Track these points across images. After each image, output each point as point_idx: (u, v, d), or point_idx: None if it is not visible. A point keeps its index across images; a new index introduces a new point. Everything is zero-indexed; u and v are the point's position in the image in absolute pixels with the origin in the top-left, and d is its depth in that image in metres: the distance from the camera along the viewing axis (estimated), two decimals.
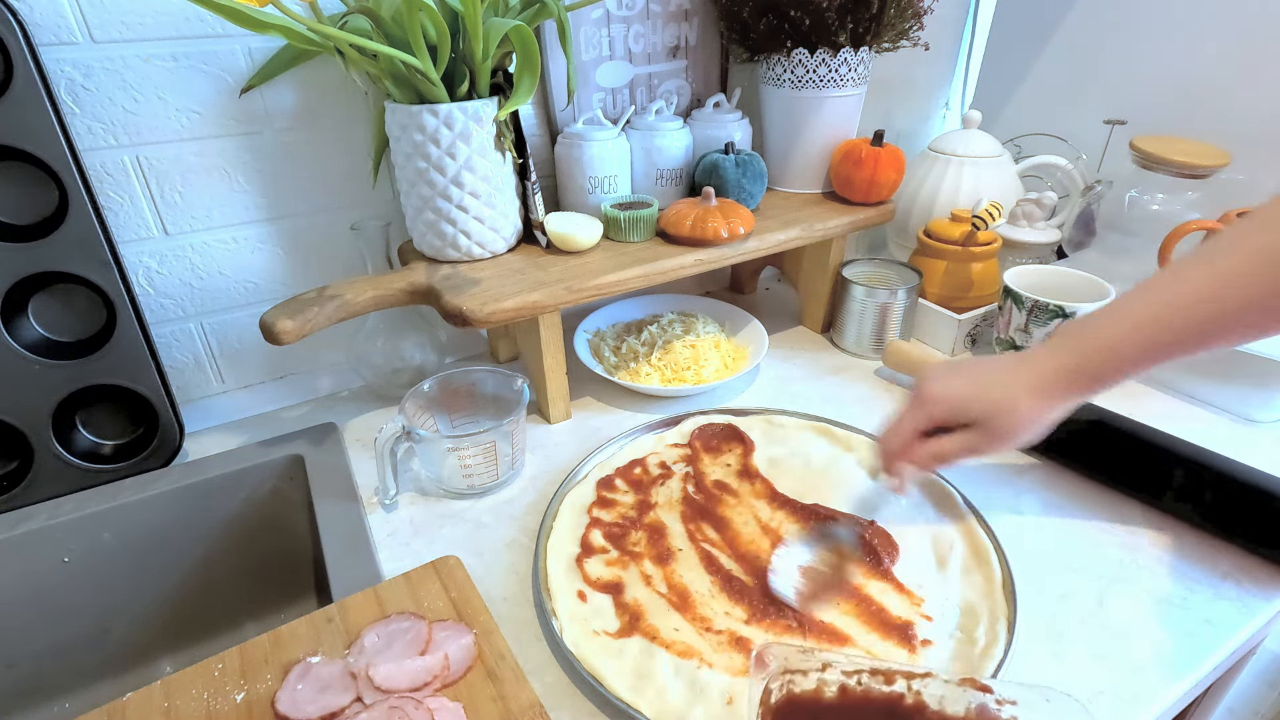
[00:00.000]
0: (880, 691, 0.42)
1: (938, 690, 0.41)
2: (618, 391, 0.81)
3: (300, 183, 0.72)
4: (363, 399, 0.81)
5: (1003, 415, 0.51)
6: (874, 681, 0.42)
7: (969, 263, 0.86)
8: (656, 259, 0.73)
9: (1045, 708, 0.40)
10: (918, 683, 0.42)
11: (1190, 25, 0.91)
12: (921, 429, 0.55)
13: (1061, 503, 0.64)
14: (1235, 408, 0.73)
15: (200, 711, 0.45)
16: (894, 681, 0.42)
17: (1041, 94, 1.09)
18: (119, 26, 0.60)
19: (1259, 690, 0.79)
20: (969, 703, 0.41)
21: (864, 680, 0.42)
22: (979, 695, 0.41)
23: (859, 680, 0.42)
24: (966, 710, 0.41)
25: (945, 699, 0.41)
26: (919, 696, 0.42)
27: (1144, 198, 0.89)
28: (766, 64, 0.84)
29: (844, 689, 0.42)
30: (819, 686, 0.42)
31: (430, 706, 0.44)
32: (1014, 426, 0.52)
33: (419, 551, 0.60)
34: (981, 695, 0.41)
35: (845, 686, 0.42)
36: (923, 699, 0.41)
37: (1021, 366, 0.52)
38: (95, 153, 0.62)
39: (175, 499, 0.67)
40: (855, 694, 0.42)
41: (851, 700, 0.42)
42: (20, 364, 0.61)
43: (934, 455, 0.54)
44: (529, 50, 0.63)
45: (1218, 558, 0.57)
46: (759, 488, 0.64)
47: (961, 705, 0.41)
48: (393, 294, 0.68)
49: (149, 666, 0.71)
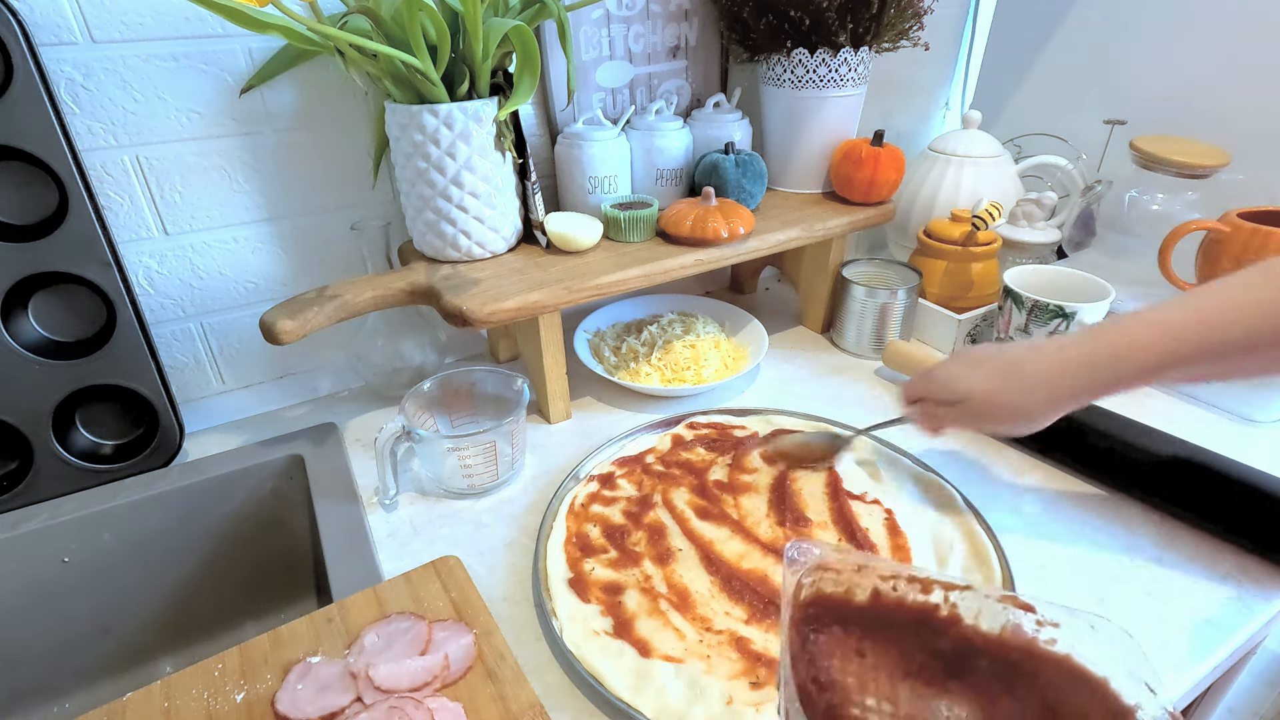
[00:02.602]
0: (915, 600, 0.40)
1: (975, 604, 0.39)
2: (618, 391, 0.81)
3: (300, 183, 0.72)
4: (363, 399, 0.81)
5: (981, 400, 0.54)
6: (910, 589, 0.40)
7: (969, 263, 0.86)
8: (656, 259, 0.73)
9: (1089, 634, 0.37)
10: (956, 594, 0.39)
11: (1190, 25, 0.91)
12: (925, 396, 0.59)
13: (1061, 502, 0.64)
14: (1235, 408, 0.73)
15: (200, 711, 0.45)
16: (931, 591, 0.40)
17: (1041, 94, 1.09)
18: (119, 26, 0.60)
19: (1259, 690, 0.79)
20: (1006, 620, 0.39)
21: (899, 586, 0.40)
22: (1019, 613, 0.39)
23: (894, 585, 0.40)
24: (1003, 627, 0.39)
25: (981, 613, 0.39)
26: (954, 609, 0.39)
27: (1144, 198, 0.89)
28: (766, 64, 0.84)
29: (876, 593, 0.40)
30: (850, 588, 0.40)
31: (430, 706, 0.44)
32: (995, 413, 0.54)
33: (419, 551, 0.60)
34: (1022, 613, 0.39)
35: (878, 590, 0.40)
36: (958, 611, 0.39)
37: (1033, 356, 0.53)
38: (95, 153, 0.62)
39: (175, 499, 0.67)
40: (888, 599, 0.40)
41: (883, 605, 0.40)
42: (20, 364, 0.61)
43: (931, 415, 0.59)
44: (529, 50, 0.63)
45: (1218, 558, 0.57)
46: (759, 487, 0.64)
47: (998, 622, 0.39)
48: (393, 294, 0.68)
49: (149, 666, 0.71)
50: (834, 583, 0.40)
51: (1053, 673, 0.37)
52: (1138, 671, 0.35)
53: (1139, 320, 0.49)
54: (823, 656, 0.38)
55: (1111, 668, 0.36)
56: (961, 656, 0.38)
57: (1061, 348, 0.52)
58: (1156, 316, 0.49)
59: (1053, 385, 0.52)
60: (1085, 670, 0.36)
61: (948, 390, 0.56)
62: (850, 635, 0.39)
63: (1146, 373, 0.49)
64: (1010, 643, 0.38)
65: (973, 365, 0.56)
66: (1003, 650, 0.38)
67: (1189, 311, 0.47)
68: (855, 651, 0.38)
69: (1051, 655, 0.37)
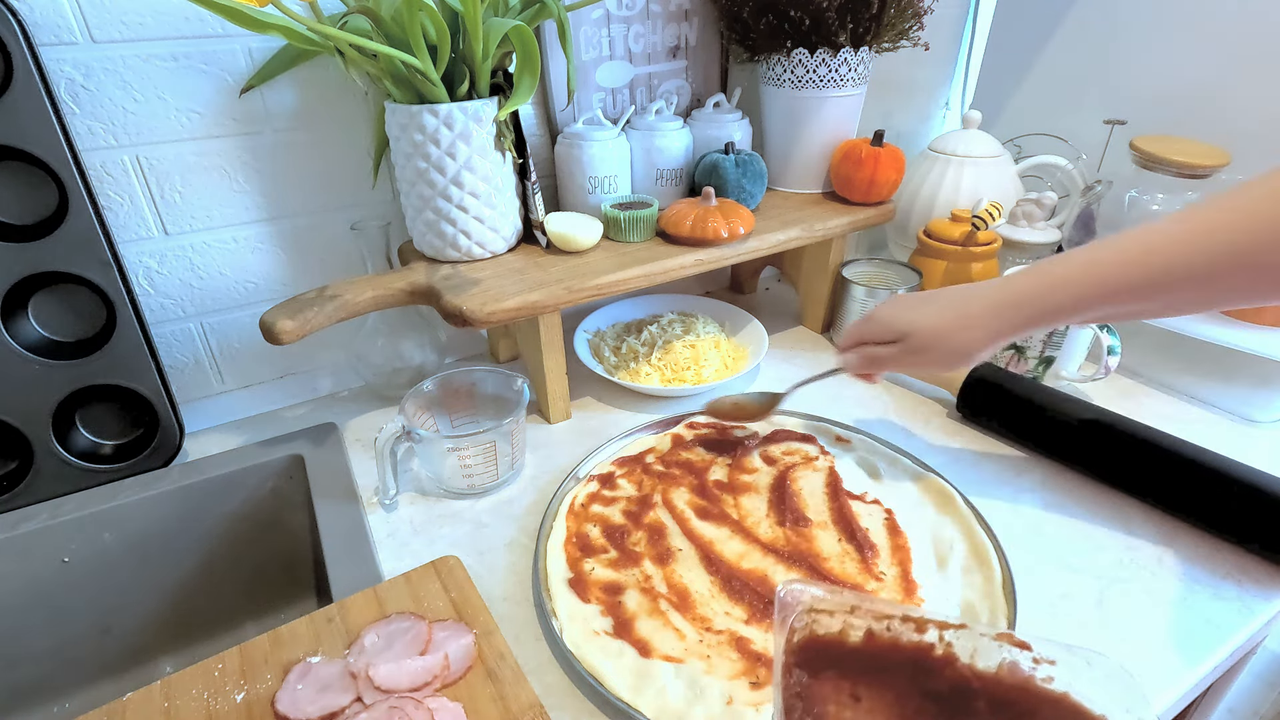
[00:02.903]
0: (910, 640, 0.40)
1: (970, 643, 0.39)
2: (618, 391, 0.81)
3: (300, 183, 0.72)
4: (363, 399, 0.81)
5: (921, 336, 0.56)
6: (904, 629, 0.40)
7: (969, 263, 0.86)
8: (656, 259, 0.73)
9: (1086, 671, 0.37)
10: (950, 633, 0.39)
11: (1191, 25, 0.91)
12: (862, 339, 0.61)
13: (1061, 503, 0.64)
14: (1235, 408, 0.73)
15: (200, 711, 0.45)
16: (925, 630, 0.40)
17: (1041, 94, 1.09)
18: (119, 26, 0.60)
19: (1259, 690, 0.79)
20: (1002, 658, 0.38)
21: (893, 626, 0.40)
22: (1015, 651, 0.38)
23: (888, 626, 0.40)
24: (999, 666, 0.38)
25: (977, 652, 0.39)
26: (950, 648, 0.39)
27: (1144, 198, 0.89)
28: (766, 64, 0.84)
29: (870, 633, 0.40)
30: (844, 629, 0.40)
31: (430, 706, 0.44)
32: (932, 348, 0.56)
33: (419, 551, 0.60)
34: (1018, 651, 0.38)
35: (872, 631, 0.40)
36: (953, 651, 0.39)
37: (967, 295, 0.56)
38: (95, 153, 0.62)
39: (175, 499, 0.67)
40: (882, 640, 0.40)
41: (877, 646, 0.40)
42: (20, 364, 0.61)
43: (870, 357, 0.61)
44: (529, 50, 0.63)
45: (1218, 558, 0.58)
46: (759, 487, 0.64)
47: (994, 660, 0.38)
48: (393, 294, 0.68)
49: (149, 666, 0.71)
50: (827, 625, 0.40)
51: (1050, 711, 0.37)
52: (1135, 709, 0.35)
53: (1075, 256, 0.51)
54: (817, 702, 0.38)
55: (1109, 705, 0.36)
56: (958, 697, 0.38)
57: (1002, 284, 0.54)
58: (1089, 254, 0.50)
59: (993, 317, 0.53)
60: (1082, 708, 0.36)
61: (889, 329, 0.58)
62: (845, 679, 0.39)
63: (1081, 304, 0.50)
64: (1007, 681, 0.38)
65: (915, 304, 0.58)
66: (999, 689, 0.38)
67: (1118, 250, 0.48)
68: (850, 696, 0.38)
69: (1049, 694, 0.37)
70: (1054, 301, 0.51)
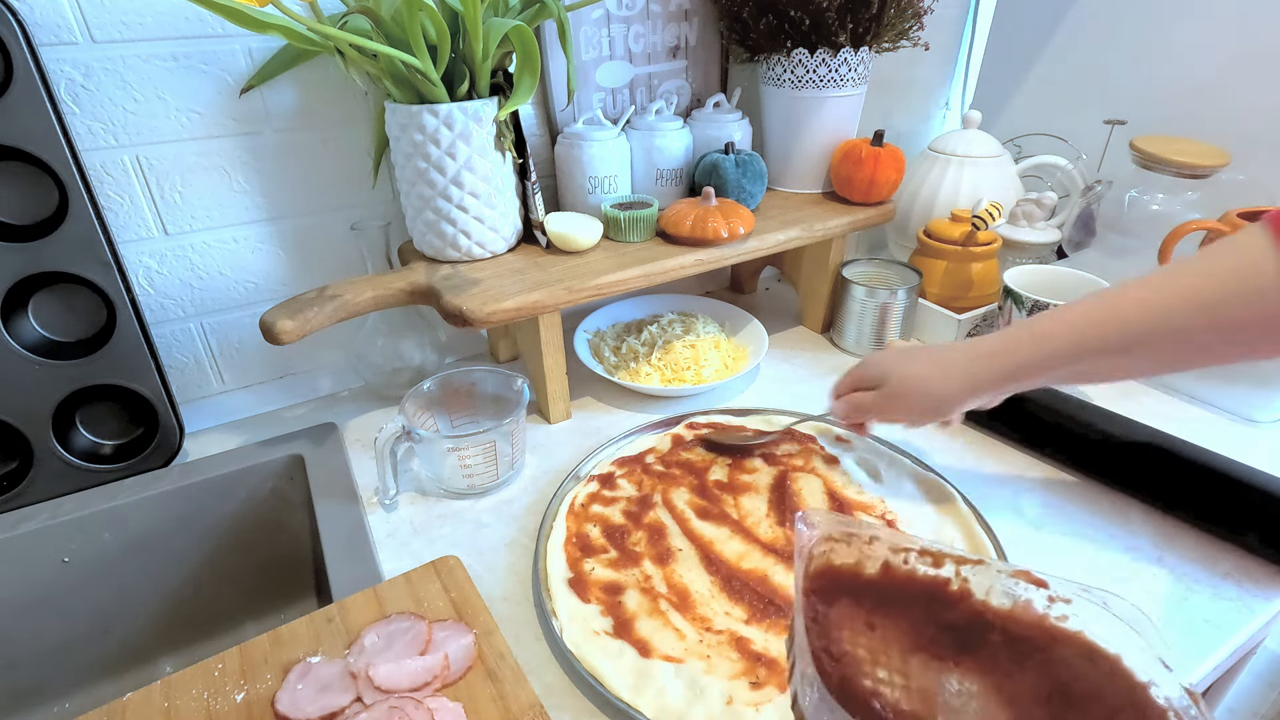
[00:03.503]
0: (926, 573, 0.40)
1: (986, 579, 0.39)
2: (618, 391, 0.81)
3: (300, 183, 0.72)
4: (363, 399, 0.81)
5: (897, 382, 0.58)
6: (921, 562, 0.40)
7: (969, 263, 0.86)
8: (656, 259, 0.73)
9: (1102, 611, 0.37)
10: (967, 569, 0.39)
11: (1190, 25, 0.91)
12: (855, 385, 0.62)
13: (1061, 503, 0.64)
14: (1235, 408, 0.73)
15: (200, 711, 0.45)
16: (942, 564, 0.40)
17: (1041, 94, 1.09)
18: (119, 26, 0.60)
19: (1259, 690, 0.79)
20: (1018, 595, 0.38)
21: (910, 560, 0.40)
22: (1031, 589, 0.38)
23: (905, 559, 0.40)
24: (1014, 603, 0.38)
25: (993, 589, 0.39)
26: (965, 583, 0.39)
27: (1144, 198, 0.89)
28: (766, 64, 0.84)
29: (887, 565, 0.40)
30: (860, 560, 0.40)
31: (430, 706, 0.44)
32: (907, 396, 0.57)
33: (419, 551, 0.60)
34: (1034, 589, 0.38)
35: (889, 563, 0.40)
36: (969, 586, 0.39)
37: (952, 347, 0.57)
38: (95, 153, 0.62)
39: (175, 499, 0.67)
40: (899, 572, 0.40)
41: (894, 579, 0.40)
42: (20, 364, 0.61)
43: (854, 404, 0.61)
44: (529, 50, 0.63)
45: (1218, 558, 0.58)
46: (759, 487, 0.64)
47: (1010, 598, 0.38)
48: (393, 294, 0.68)
49: (149, 666, 0.71)
50: (844, 555, 0.40)
51: (1064, 650, 0.37)
52: (1152, 648, 0.35)
53: (1051, 316, 0.52)
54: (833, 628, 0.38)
55: (1124, 645, 0.36)
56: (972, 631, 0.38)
57: (977, 342, 0.56)
58: (1065, 313, 0.51)
59: (969, 364, 0.55)
60: (1096, 647, 0.36)
61: (871, 374, 0.60)
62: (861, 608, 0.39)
63: (1053, 361, 0.51)
64: (1022, 618, 0.38)
65: (901, 353, 0.60)
66: (1014, 626, 0.38)
67: (1091, 310, 0.50)
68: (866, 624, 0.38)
69: (1063, 632, 0.37)
70: (1025, 355, 0.52)
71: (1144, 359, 0.49)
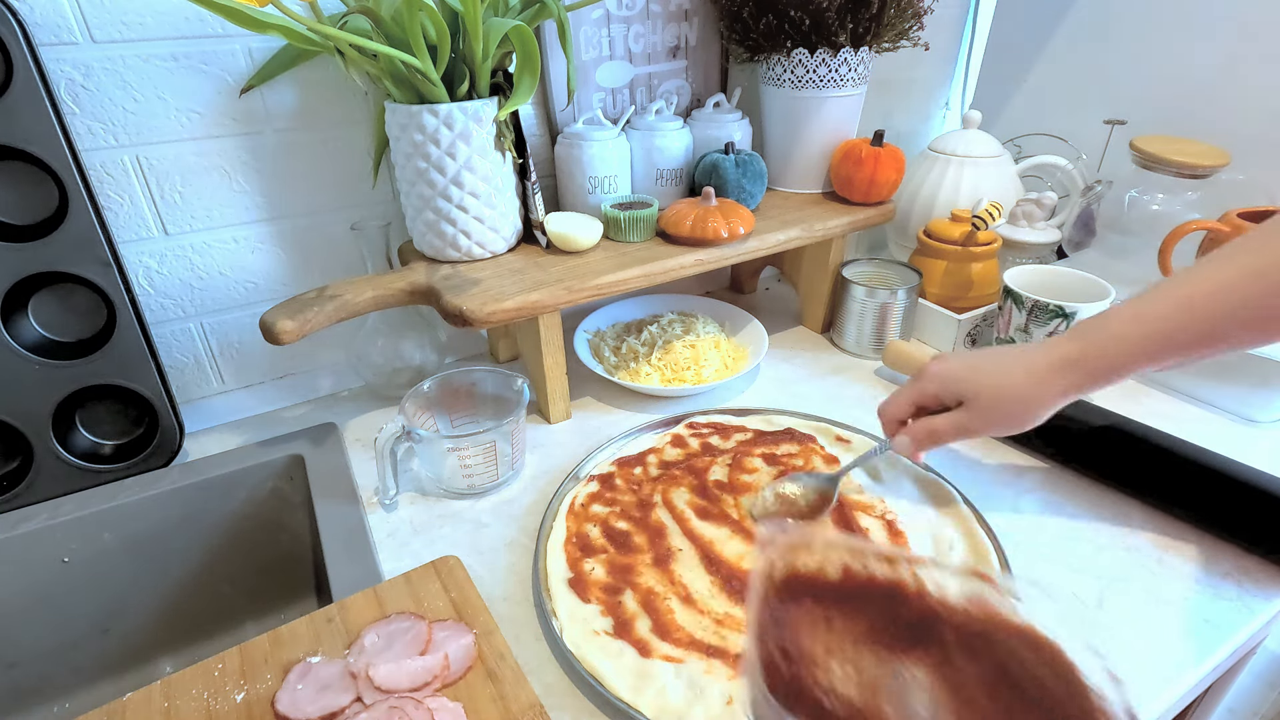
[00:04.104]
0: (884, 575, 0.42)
1: (938, 577, 0.41)
2: (618, 391, 0.81)
3: (300, 183, 0.72)
4: (363, 399, 0.81)
5: (989, 395, 0.53)
6: (878, 565, 0.42)
7: (969, 263, 0.86)
8: (656, 259, 0.73)
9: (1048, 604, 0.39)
10: (922, 569, 0.41)
11: (1190, 25, 0.91)
12: (916, 403, 0.58)
13: (1061, 503, 0.64)
14: (1235, 408, 0.73)
15: (200, 711, 0.45)
16: (898, 566, 0.42)
17: (1041, 94, 1.09)
18: (119, 26, 0.60)
19: (1259, 690, 0.79)
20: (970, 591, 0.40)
21: (869, 564, 0.42)
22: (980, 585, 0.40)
23: (864, 564, 0.42)
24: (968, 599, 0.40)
25: (945, 586, 0.41)
26: (921, 583, 0.41)
27: (1144, 198, 0.89)
28: (766, 64, 0.84)
29: (847, 569, 0.42)
30: (823, 565, 0.42)
31: (430, 706, 0.44)
32: (1000, 408, 0.53)
33: (419, 551, 0.60)
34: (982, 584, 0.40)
35: (849, 567, 0.42)
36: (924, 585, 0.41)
37: (1024, 352, 0.54)
38: (95, 153, 0.62)
39: (175, 499, 0.67)
40: (859, 576, 0.42)
41: (854, 581, 0.41)
42: (20, 364, 0.61)
43: (928, 431, 0.56)
44: (529, 50, 0.63)
45: (1218, 557, 0.57)
46: (759, 487, 0.64)
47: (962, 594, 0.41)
48: (393, 294, 0.68)
49: (149, 666, 0.71)
50: (805, 561, 0.42)
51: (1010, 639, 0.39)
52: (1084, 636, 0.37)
53: (1120, 313, 0.51)
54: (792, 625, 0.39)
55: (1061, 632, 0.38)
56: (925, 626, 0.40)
57: (1051, 346, 0.53)
58: (1134, 310, 0.50)
59: (1049, 382, 0.52)
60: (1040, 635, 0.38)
61: (951, 394, 0.55)
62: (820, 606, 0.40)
63: (1133, 360, 0.50)
64: (974, 613, 0.40)
65: (974, 363, 0.55)
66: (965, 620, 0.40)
67: (1162, 302, 0.49)
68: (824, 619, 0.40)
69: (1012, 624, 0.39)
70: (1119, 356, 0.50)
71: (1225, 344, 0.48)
